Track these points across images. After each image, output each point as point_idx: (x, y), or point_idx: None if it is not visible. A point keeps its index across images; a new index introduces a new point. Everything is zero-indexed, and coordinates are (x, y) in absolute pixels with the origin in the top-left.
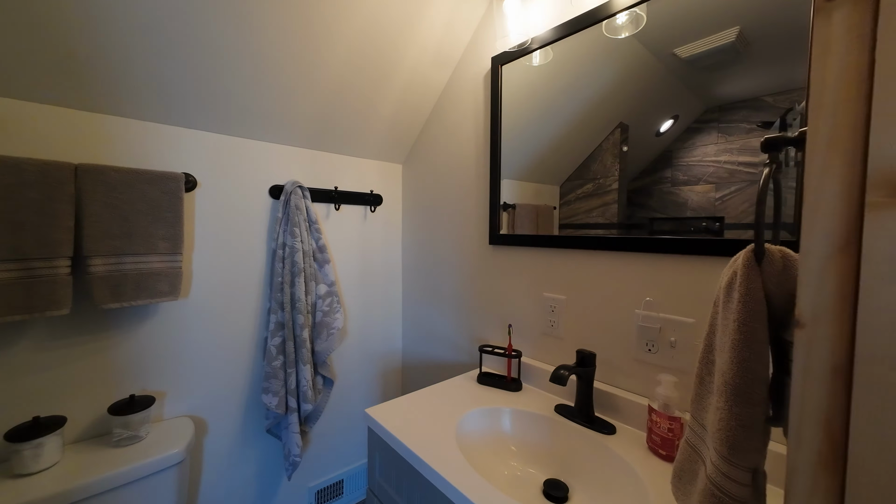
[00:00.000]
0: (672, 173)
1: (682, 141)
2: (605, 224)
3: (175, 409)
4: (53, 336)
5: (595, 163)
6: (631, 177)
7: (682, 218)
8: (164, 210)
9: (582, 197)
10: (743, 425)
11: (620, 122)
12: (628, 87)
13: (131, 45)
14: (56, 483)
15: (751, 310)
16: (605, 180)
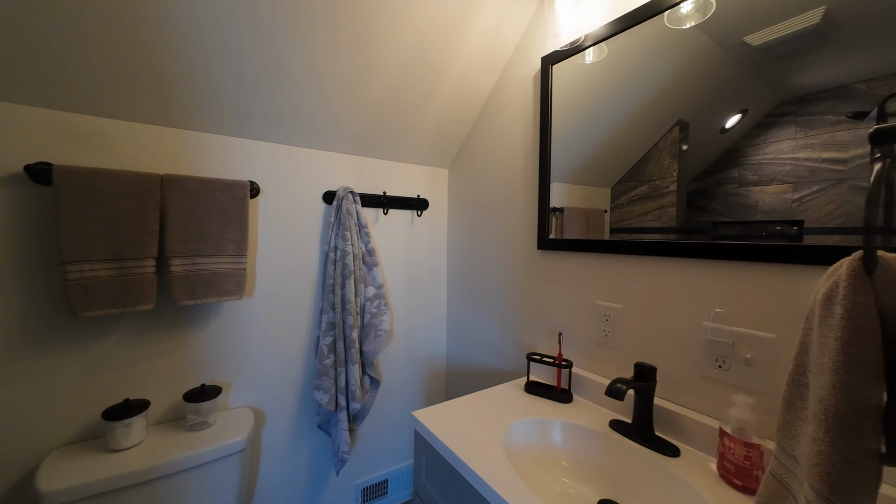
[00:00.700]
0: (739, 173)
1: (752, 137)
2: (662, 228)
3: (238, 400)
4: (140, 329)
5: (650, 163)
6: (691, 177)
7: (752, 221)
8: (233, 215)
9: (635, 200)
10: (848, 461)
11: (679, 120)
12: (689, 82)
13: (208, 68)
14: (141, 460)
15: (858, 327)
16: (662, 182)
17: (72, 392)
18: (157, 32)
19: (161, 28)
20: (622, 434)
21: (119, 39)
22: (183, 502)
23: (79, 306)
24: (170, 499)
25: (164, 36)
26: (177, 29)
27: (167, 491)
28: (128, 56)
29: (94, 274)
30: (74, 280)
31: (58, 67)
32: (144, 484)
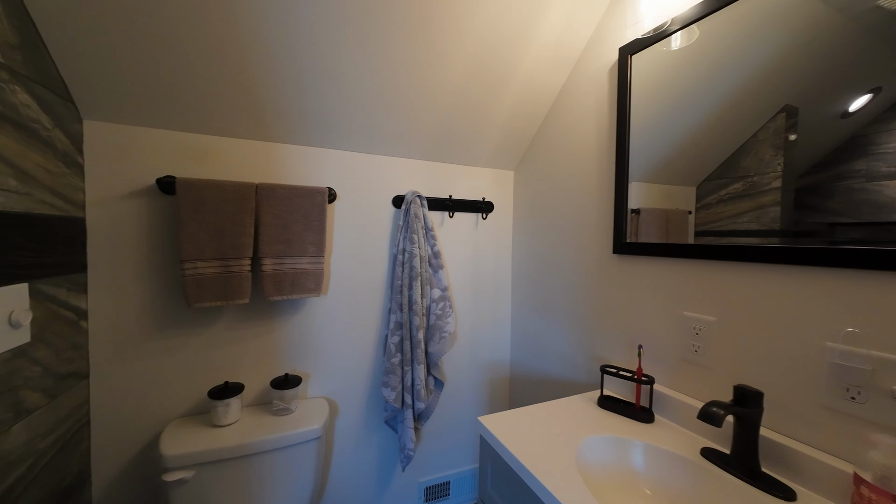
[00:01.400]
0: (868, 164)
1: (887, 121)
2: (761, 231)
3: (315, 390)
4: (238, 320)
5: (746, 157)
6: (800, 172)
7: (887, 223)
8: (313, 219)
9: (727, 199)
10: None
11: (786, 105)
12: (801, 61)
13: (292, 88)
14: (237, 437)
15: None
16: (762, 178)
17: (187, 371)
18: (253, 62)
19: (256, 58)
20: (718, 465)
21: (225, 70)
22: (268, 479)
23: (193, 298)
24: (258, 475)
25: (258, 65)
26: (268, 57)
27: (256, 467)
28: (231, 83)
29: (204, 271)
30: (190, 276)
31: (179, 96)
32: (239, 458)
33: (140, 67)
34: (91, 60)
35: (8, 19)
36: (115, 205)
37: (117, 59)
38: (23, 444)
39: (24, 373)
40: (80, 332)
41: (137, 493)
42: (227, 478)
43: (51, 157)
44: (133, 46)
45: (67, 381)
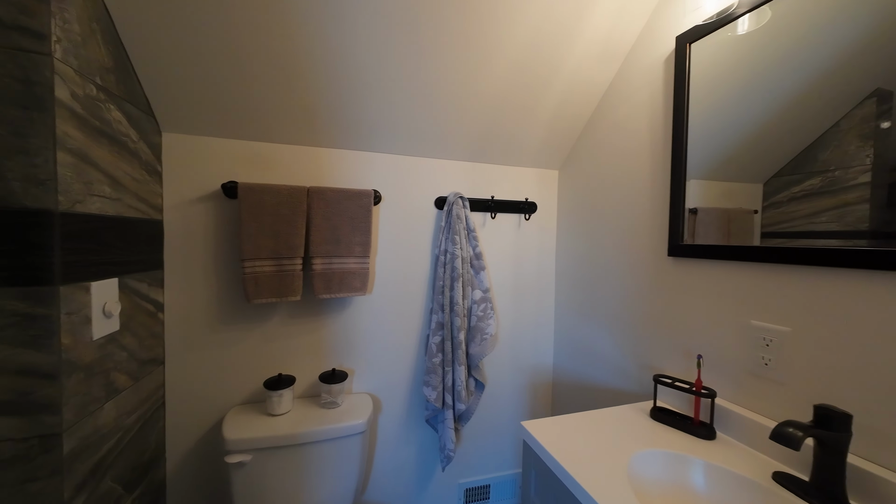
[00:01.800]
0: None
1: None
2: (845, 232)
3: (359, 386)
4: (290, 316)
5: (826, 150)
6: (893, 164)
7: None
8: (360, 221)
9: (801, 196)
10: None
11: (878, 89)
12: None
13: (341, 95)
14: (289, 427)
15: None
16: (845, 172)
17: (245, 362)
18: (307, 73)
19: (310, 69)
20: (796, 493)
21: (282, 82)
22: (317, 469)
23: (251, 295)
24: (308, 464)
25: (311, 74)
26: (320, 67)
27: (306, 457)
28: (287, 94)
29: (261, 269)
30: (249, 274)
31: (242, 108)
32: (291, 447)
33: (210, 84)
34: (169, 80)
35: (105, 47)
36: (187, 208)
37: (191, 77)
38: (113, 419)
39: (115, 357)
40: (157, 322)
41: (204, 471)
42: (281, 464)
43: (136, 167)
44: (204, 66)
45: (147, 367)
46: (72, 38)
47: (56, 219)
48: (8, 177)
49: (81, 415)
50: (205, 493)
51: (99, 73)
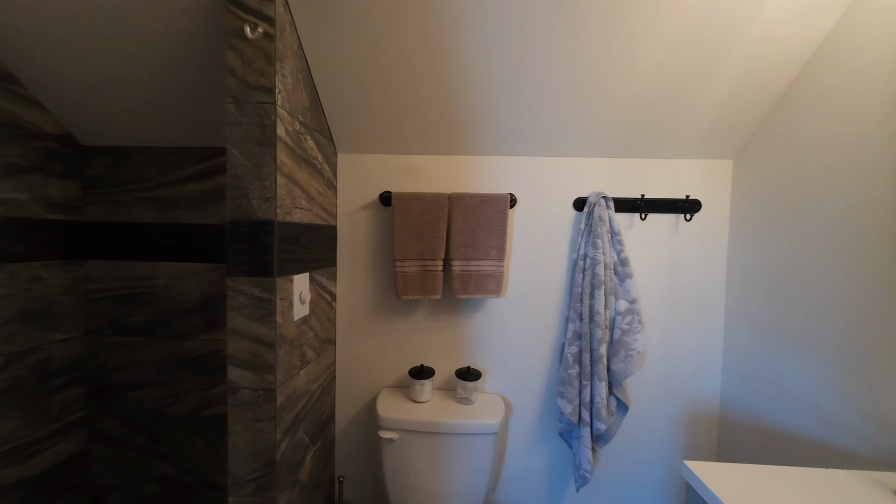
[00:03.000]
0: None
1: None
2: None
3: (491, 386)
4: (431, 312)
5: None
6: None
7: None
8: (496, 224)
9: None
10: None
11: None
12: None
13: (478, 103)
14: (429, 414)
15: None
16: None
17: (393, 350)
18: (448, 90)
19: (452, 82)
20: None
21: (429, 99)
22: (452, 459)
23: (400, 291)
24: (444, 452)
25: (453, 87)
26: (461, 78)
27: (444, 446)
28: (432, 109)
29: (409, 269)
30: (399, 272)
31: (395, 126)
32: (430, 434)
33: (373, 111)
34: (345, 111)
35: (305, 91)
36: (354, 215)
37: (360, 107)
38: (304, 384)
39: (306, 335)
40: (332, 309)
41: (362, 437)
42: (422, 447)
43: (321, 183)
44: (369, 97)
45: (325, 345)
46: (286, 87)
47: (275, 227)
48: (250, 196)
49: (286, 378)
50: (361, 455)
51: (301, 111)
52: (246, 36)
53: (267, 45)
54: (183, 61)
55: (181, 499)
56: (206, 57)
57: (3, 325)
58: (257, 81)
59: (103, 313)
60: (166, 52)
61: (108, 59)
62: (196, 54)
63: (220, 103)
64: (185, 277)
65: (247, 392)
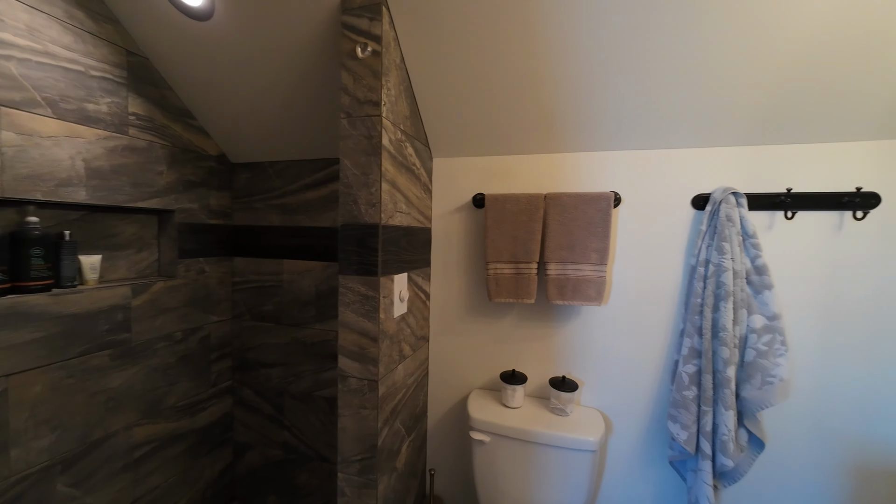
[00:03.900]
0: None
1: None
2: None
3: (588, 399)
4: (524, 316)
5: None
6: None
7: None
8: (597, 226)
9: None
10: None
11: None
12: None
13: (578, 96)
14: (520, 421)
15: None
16: None
17: (483, 352)
18: (548, 86)
19: (549, 79)
20: None
21: (523, 97)
22: (545, 472)
23: (492, 294)
24: (537, 463)
25: (550, 85)
26: (559, 74)
27: (534, 456)
28: (527, 109)
29: (502, 272)
30: (492, 275)
31: (488, 129)
32: (521, 441)
33: (467, 115)
34: (441, 117)
35: (406, 101)
36: (447, 217)
37: (454, 113)
38: (402, 378)
39: (404, 332)
40: (426, 308)
41: (453, 433)
42: (512, 454)
43: (419, 187)
44: (464, 102)
45: (420, 342)
46: (390, 99)
47: (380, 230)
48: (359, 202)
49: (387, 370)
50: (451, 451)
51: (402, 120)
52: (357, 56)
53: (374, 61)
54: (305, 86)
55: (298, 465)
56: (322, 79)
57: (181, 307)
58: (366, 96)
59: (244, 301)
60: (293, 80)
61: (251, 92)
62: (314, 78)
63: (332, 119)
64: (304, 274)
65: (354, 381)
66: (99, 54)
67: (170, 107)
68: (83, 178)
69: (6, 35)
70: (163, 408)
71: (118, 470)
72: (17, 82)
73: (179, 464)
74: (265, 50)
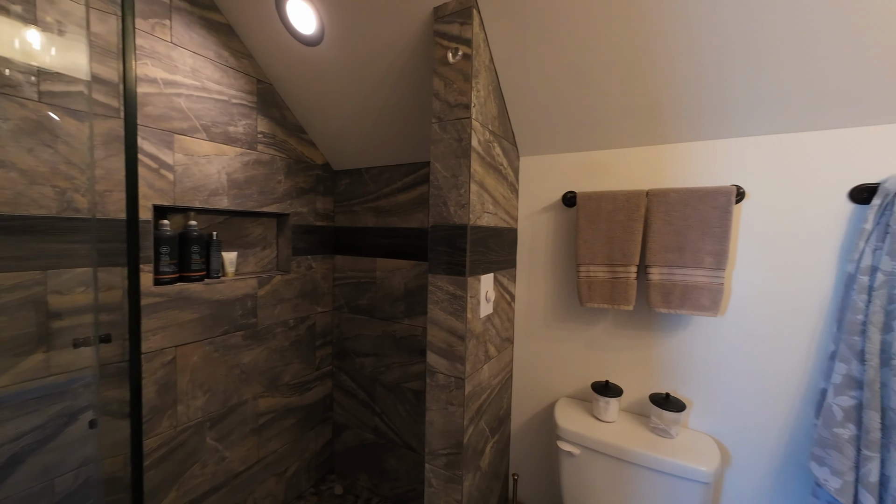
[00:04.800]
0: None
1: None
2: None
3: (698, 423)
4: (619, 324)
5: None
6: None
7: None
8: (713, 225)
9: None
10: None
11: None
12: None
13: (690, 76)
14: (615, 437)
15: None
16: None
17: (572, 360)
18: (656, 66)
19: (660, 59)
20: None
21: (623, 88)
22: (643, 498)
23: (584, 298)
24: (632, 487)
25: (661, 66)
26: (673, 51)
27: (631, 478)
28: (628, 97)
29: (595, 274)
30: (583, 278)
31: (581, 121)
32: (615, 459)
33: (557, 110)
34: (529, 114)
35: (494, 101)
36: (534, 217)
37: (544, 109)
38: (487, 378)
39: (489, 332)
40: (511, 310)
41: (538, 439)
42: (605, 471)
43: (506, 187)
44: (555, 96)
45: (505, 343)
46: (480, 100)
47: (468, 230)
48: (448, 204)
49: (473, 370)
50: (535, 458)
51: (490, 121)
52: (448, 61)
53: (465, 64)
54: (399, 96)
55: (388, 450)
56: (414, 88)
57: (293, 298)
58: (456, 100)
59: (343, 295)
60: (387, 91)
61: (351, 105)
62: (407, 88)
63: (421, 125)
64: (394, 272)
65: (441, 377)
66: (238, 85)
67: (287, 124)
68: (226, 188)
69: (178, 77)
70: (279, 384)
71: (248, 432)
72: (185, 114)
73: (292, 434)
74: (365, 65)
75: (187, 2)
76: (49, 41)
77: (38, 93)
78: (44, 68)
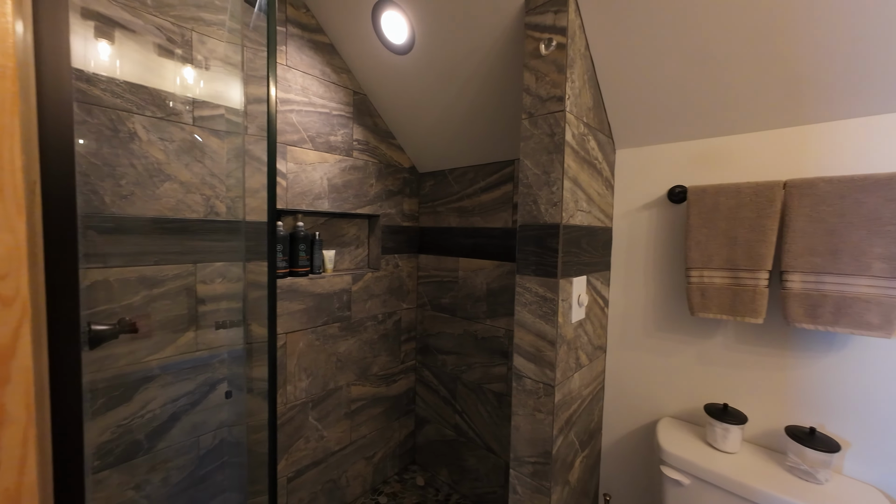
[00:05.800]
0: None
1: None
2: None
3: (856, 469)
4: (744, 338)
5: None
6: None
7: None
8: (885, 223)
9: None
10: None
11: None
12: None
13: (862, 38)
14: (738, 472)
15: None
16: None
17: (679, 376)
18: (788, 33)
19: (792, 25)
20: None
21: (754, 64)
22: None
23: (696, 307)
24: None
25: (804, 38)
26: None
27: None
28: (763, 69)
29: (710, 280)
30: (695, 284)
31: (691, 106)
32: (737, 497)
33: (661, 95)
34: (628, 103)
35: (589, 91)
36: (633, 215)
37: (646, 95)
38: (577, 388)
39: (581, 339)
40: (604, 316)
41: (633, 460)
42: None
43: (600, 183)
44: (660, 79)
45: (597, 352)
46: (574, 92)
47: (560, 230)
48: (539, 202)
49: (564, 377)
50: (630, 480)
51: (585, 112)
52: (541, 53)
53: (559, 55)
54: (484, 95)
55: (468, 449)
56: (499, 86)
57: (382, 294)
58: (549, 93)
59: (426, 293)
60: (472, 93)
61: (437, 109)
62: (492, 87)
63: (506, 123)
64: (477, 272)
65: (529, 381)
66: (337, 97)
67: (379, 131)
68: (327, 192)
69: (291, 95)
70: (369, 374)
71: (342, 416)
72: (296, 127)
73: (379, 422)
74: (452, 68)
75: (299, 28)
76: (199, 75)
77: (193, 118)
78: (197, 98)
